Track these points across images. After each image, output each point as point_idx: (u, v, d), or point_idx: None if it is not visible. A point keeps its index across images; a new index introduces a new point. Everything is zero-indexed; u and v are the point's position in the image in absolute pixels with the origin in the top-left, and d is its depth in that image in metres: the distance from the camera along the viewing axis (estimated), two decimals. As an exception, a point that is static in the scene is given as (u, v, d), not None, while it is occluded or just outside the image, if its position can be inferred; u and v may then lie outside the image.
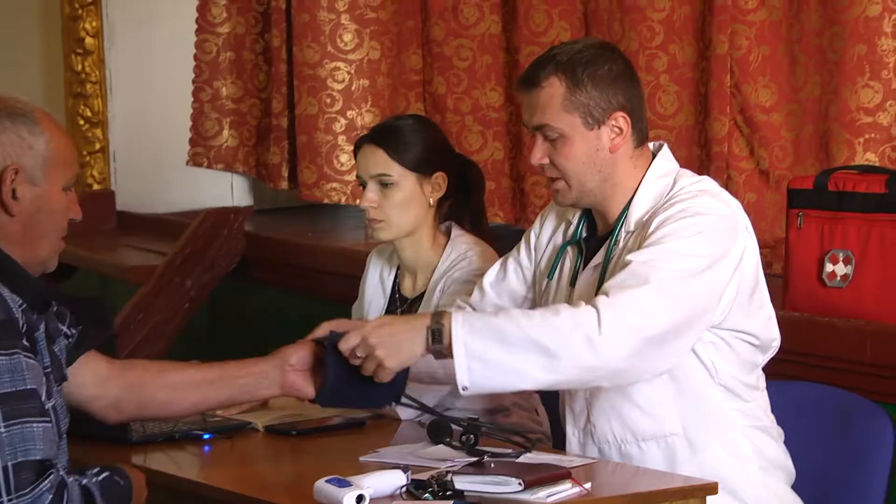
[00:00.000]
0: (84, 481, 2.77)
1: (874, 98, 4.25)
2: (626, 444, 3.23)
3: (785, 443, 3.37)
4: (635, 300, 3.07)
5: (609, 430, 3.25)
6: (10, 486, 2.66)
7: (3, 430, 2.68)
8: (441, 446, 3.20)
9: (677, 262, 3.11)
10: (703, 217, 3.17)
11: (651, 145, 3.31)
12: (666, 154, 3.30)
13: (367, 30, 5.72)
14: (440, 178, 3.77)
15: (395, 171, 3.75)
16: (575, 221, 3.37)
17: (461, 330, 3.09)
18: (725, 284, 3.15)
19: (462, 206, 3.81)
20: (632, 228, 3.23)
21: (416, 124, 3.88)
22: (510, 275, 3.49)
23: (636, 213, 3.23)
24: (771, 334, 3.29)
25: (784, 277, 3.99)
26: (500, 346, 3.08)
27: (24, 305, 2.80)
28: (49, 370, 2.84)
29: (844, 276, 3.83)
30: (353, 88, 5.73)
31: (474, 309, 3.46)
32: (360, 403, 3.32)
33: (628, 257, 3.14)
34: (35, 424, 2.71)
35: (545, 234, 3.46)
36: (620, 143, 3.22)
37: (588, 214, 3.36)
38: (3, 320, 2.73)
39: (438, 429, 3.23)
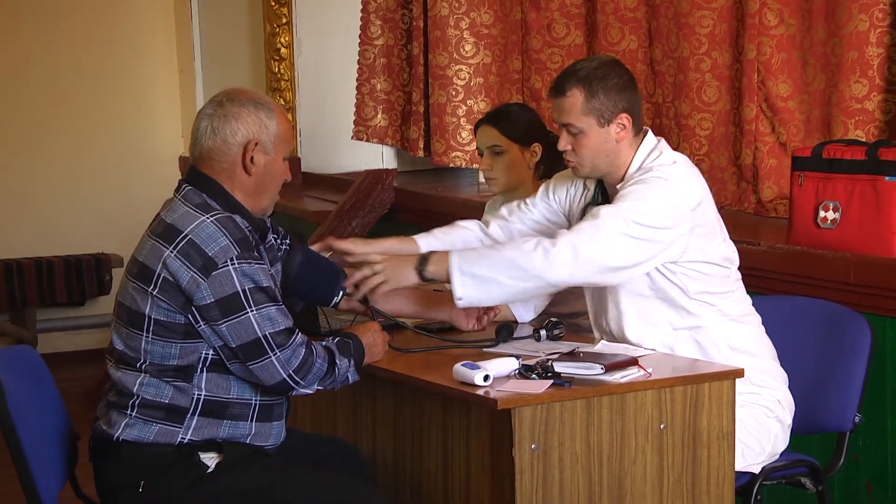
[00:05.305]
0: (324, 343, 2.91)
1: (862, 91, 4.21)
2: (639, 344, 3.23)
3: (787, 340, 3.37)
4: (587, 231, 3.08)
5: (629, 336, 3.23)
6: (273, 346, 2.81)
7: (255, 312, 2.81)
8: (541, 341, 3.22)
9: (625, 212, 3.09)
10: (660, 181, 3.14)
11: (644, 129, 3.28)
12: (651, 138, 3.25)
13: (482, 42, 5.76)
14: (536, 148, 3.82)
15: (504, 142, 3.79)
16: (592, 188, 3.36)
17: (455, 256, 3.12)
18: (666, 239, 3.10)
19: (553, 169, 3.74)
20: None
21: (519, 109, 3.92)
22: (536, 208, 3.47)
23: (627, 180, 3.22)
24: (728, 256, 3.24)
25: (789, 220, 3.99)
26: (483, 264, 3.09)
27: (250, 228, 2.90)
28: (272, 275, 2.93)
29: (833, 220, 3.82)
30: (471, 84, 5.78)
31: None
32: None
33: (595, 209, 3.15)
34: (273, 307, 2.84)
35: (559, 193, 3.45)
36: (624, 135, 3.20)
37: (601, 183, 3.34)
38: (242, 238, 2.83)
39: (504, 328, 3.26)
